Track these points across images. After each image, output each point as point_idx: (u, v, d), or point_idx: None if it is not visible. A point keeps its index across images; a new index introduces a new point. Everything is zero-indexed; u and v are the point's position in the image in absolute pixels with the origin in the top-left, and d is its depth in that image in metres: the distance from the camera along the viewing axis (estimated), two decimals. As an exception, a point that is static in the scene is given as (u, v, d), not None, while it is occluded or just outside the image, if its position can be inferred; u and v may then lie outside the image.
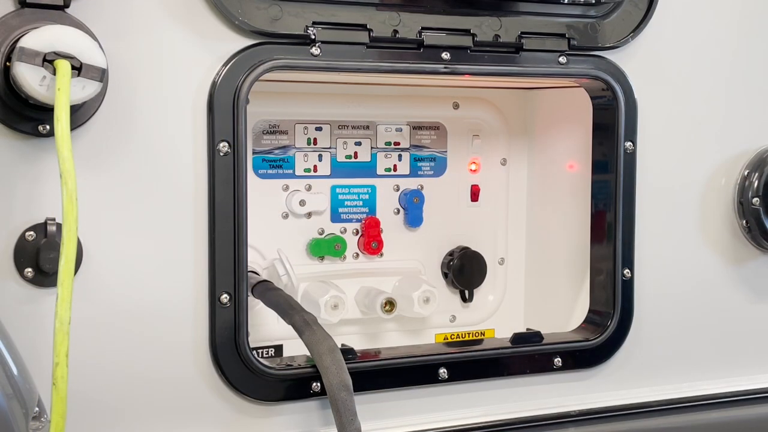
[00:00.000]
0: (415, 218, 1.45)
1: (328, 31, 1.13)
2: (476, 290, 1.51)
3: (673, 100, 1.35)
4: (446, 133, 1.48)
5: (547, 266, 1.51)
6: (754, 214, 1.39)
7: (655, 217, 1.35)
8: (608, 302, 1.33)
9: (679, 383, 1.39)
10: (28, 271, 1.02)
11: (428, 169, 1.47)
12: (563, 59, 1.26)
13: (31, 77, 0.95)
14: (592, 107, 1.35)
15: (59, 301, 0.91)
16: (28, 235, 1.01)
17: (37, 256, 1.01)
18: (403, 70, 1.19)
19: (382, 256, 1.45)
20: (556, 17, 1.25)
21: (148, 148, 1.06)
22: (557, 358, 1.30)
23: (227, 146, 1.09)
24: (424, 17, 1.18)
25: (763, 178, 1.39)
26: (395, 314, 1.39)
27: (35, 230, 1.02)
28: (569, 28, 1.26)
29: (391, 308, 1.39)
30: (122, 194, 1.06)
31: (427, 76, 1.22)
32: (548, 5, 1.24)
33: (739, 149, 1.41)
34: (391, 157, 1.45)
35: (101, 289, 1.05)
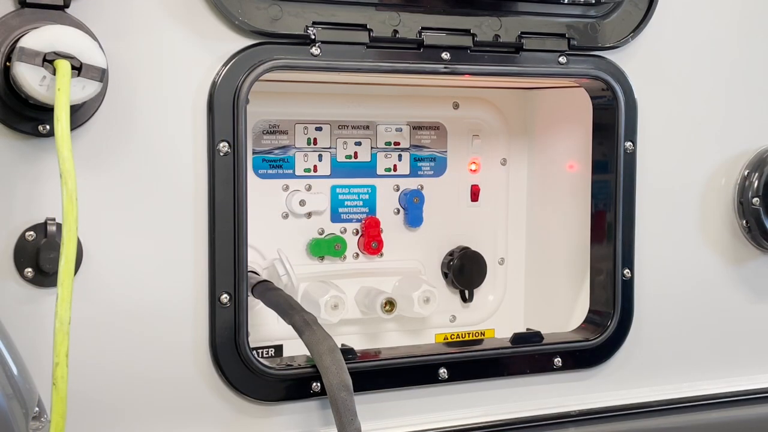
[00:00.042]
0: (415, 218, 1.45)
1: (328, 31, 1.13)
2: (476, 290, 1.51)
3: (673, 100, 1.35)
4: (446, 133, 1.48)
5: (547, 266, 1.51)
6: (754, 214, 1.39)
7: (655, 217, 1.35)
8: (608, 302, 1.33)
9: (679, 383, 1.39)
10: (28, 271, 1.02)
11: (428, 169, 1.47)
12: (563, 59, 1.26)
13: (31, 77, 0.95)
14: (592, 107, 1.35)
15: (59, 301, 0.91)
16: (28, 235, 1.01)
17: (37, 256, 1.01)
18: (403, 70, 1.19)
19: (382, 256, 1.44)
20: (556, 17, 1.25)
21: (148, 148, 1.06)
22: (557, 358, 1.30)
23: (227, 146, 1.09)
24: (424, 17, 1.18)
25: (763, 178, 1.39)
26: (395, 314, 1.39)
27: (35, 230, 1.02)
28: (569, 28, 1.26)
29: (391, 308, 1.39)
30: (122, 194, 1.06)
31: (427, 76, 1.22)
32: (548, 5, 1.24)
33: (739, 149, 1.41)
34: (391, 157, 1.45)
35: (101, 289, 1.05)
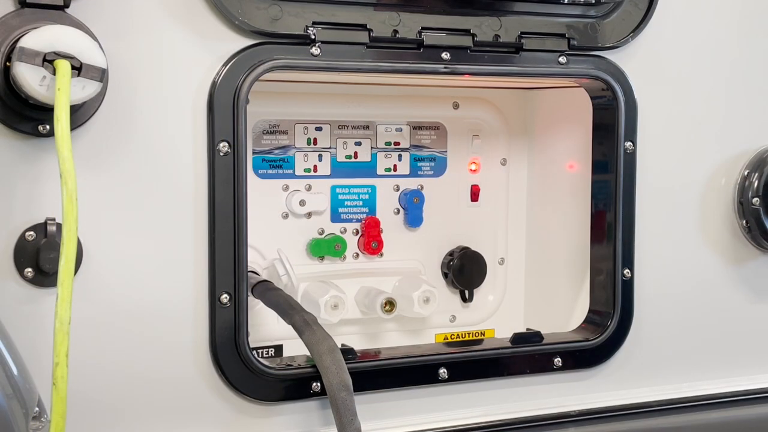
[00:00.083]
0: (415, 218, 1.45)
1: (328, 31, 1.13)
2: (476, 290, 1.51)
3: (673, 100, 1.35)
4: (446, 133, 1.48)
5: (547, 266, 1.51)
6: (754, 214, 1.39)
7: (655, 217, 1.35)
8: (608, 302, 1.33)
9: (679, 383, 1.39)
10: (28, 271, 1.02)
11: (428, 169, 1.47)
12: (563, 59, 1.26)
13: (31, 77, 0.95)
14: (592, 107, 1.35)
15: (59, 301, 0.91)
16: (28, 235, 1.01)
17: (37, 256, 1.01)
18: (403, 70, 1.19)
19: (382, 256, 1.44)
20: (556, 17, 1.25)
21: (148, 148, 1.06)
22: (557, 358, 1.30)
23: (227, 146, 1.09)
24: (424, 17, 1.18)
25: (763, 178, 1.39)
26: (395, 314, 1.39)
27: (35, 230, 1.02)
28: (569, 28, 1.26)
29: (391, 308, 1.39)
30: (122, 194, 1.06)
31: (427, 76, 1.22)
32: (548, 5, 1.24)
33: (739, 149, 1.41)
34: (391, 157, 1.45)
35: (101, 289, 1.05)
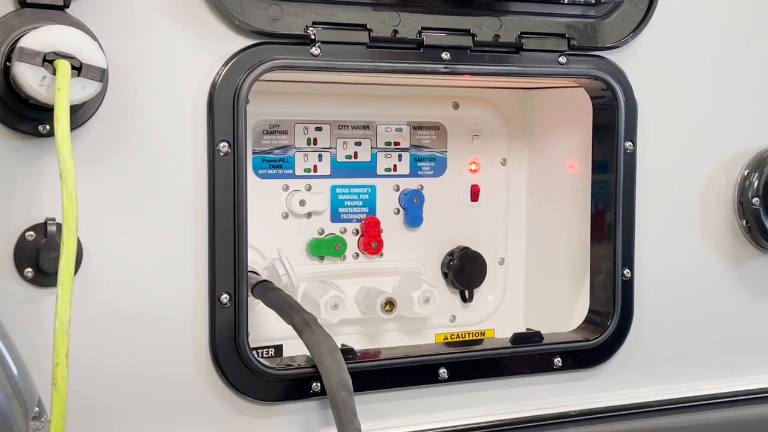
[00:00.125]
0: (415, 218, 1.45)
1: (328, 31, 1.13)
2: (476, 290, 1.51)
3: (673, 100, 1.35)
4: (446, 133, 1.48)
5: (547, 266, 1.51)
6: (754, 214, 1.39)
7: (655, 217, 1.35)
8: (608, 302, 1.33)
9: (679, 383, 1.39)
10: (28, 271, 1.02)
11: (428, 169, 1.47)
12: (563, 59, 1.26)
13: (31, 77, 0.95)
14: (592, 107, 1.35)
15: (59, 301, 0.91)
16: (28, 235, 1.01)
17: (37, 256, 1.01)
18: (403, 70, 1.19)
19: (382, 256, 1.44)
20: (556, 17, 1.25)
21: (148, 148, 1.06)
22: (557, 358, 1.30)
23: (227, 146, 1.09)
24: (423, 17, 1.18)
25: (763, 178, 1.39)
26: (395, 314, 1.39)
27: (35, 230, 1.02)
28: (569, 28, 1.26)
29: (391, 308, 1.39)
30: (122, 194, 1.06)
31: (427, 76, 1.22)
32: (548, 5, 1.24)
33: (739, 149, 1.41)
34: (391, 157, 1.45)
35: (101, 289, 1.05)
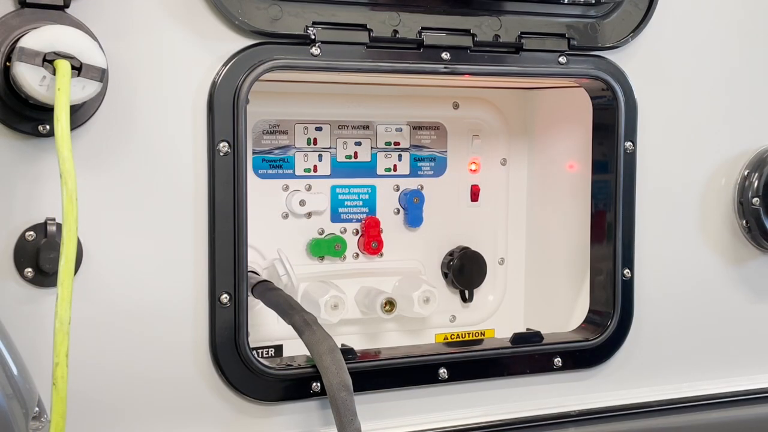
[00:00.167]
0: (415, 218, 1.45)
1: (328, 31, 1.13)
2: (476, 290, 1.51)
3: (673, 100, 1.35)
4: (446, 133, 1.48)
5: (547, 266, 1.51)
6: (754, 214, 1.39)
7: (655, 217, 1.35)
8: (608, 302, 1.33)
9: (679, 383, 1.39)
10: (28, 271, 1.02)
11: (428, 169, 1.47)
12: (563, 59, 1.26)
13: (31, 77, 0.95)
14: (592, 107, 1.35)
15: (59, 301, 0.91)
16: (28, 235, 1.01)
17: (37, 256, 1.01)
18: (403, 70, 1.19)
19: (382, 256, 1.44)
20: (556, 17, 1.25)
21: (148, 148, 1.06)
22: (557, 358, 1.30)
23: (227, 146, 1.09)
24: (423, 17, 1.18)
25: (763, 178, 1.39)
26: (395, 314, 1.39)
27: (35, 230, 1.02)
28: (569, 28, 1.26)
29: (391, 308, 1.39)
30: (122, 194, 1.06)
31: (427, 76, 1.22)
32: (548, 5, 1.24)
33: (739, 149, 1.41)
34: (391, 157, 1.45)
35: (101, 289, 1.05)
